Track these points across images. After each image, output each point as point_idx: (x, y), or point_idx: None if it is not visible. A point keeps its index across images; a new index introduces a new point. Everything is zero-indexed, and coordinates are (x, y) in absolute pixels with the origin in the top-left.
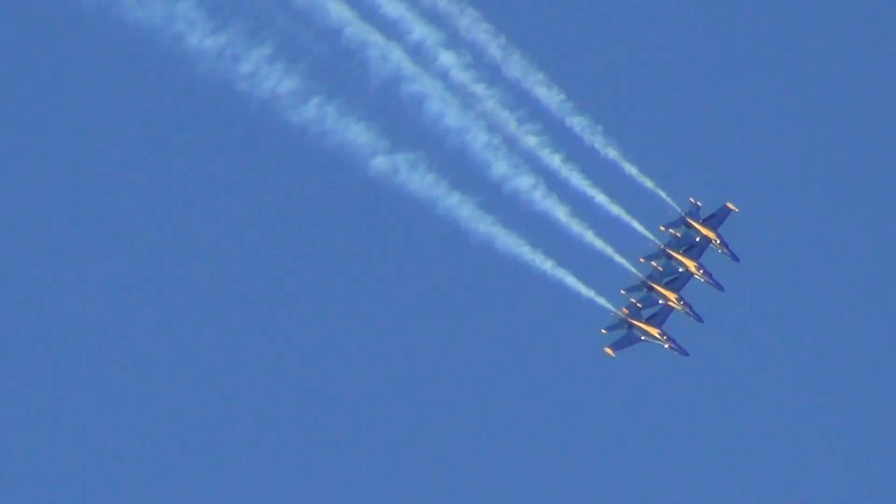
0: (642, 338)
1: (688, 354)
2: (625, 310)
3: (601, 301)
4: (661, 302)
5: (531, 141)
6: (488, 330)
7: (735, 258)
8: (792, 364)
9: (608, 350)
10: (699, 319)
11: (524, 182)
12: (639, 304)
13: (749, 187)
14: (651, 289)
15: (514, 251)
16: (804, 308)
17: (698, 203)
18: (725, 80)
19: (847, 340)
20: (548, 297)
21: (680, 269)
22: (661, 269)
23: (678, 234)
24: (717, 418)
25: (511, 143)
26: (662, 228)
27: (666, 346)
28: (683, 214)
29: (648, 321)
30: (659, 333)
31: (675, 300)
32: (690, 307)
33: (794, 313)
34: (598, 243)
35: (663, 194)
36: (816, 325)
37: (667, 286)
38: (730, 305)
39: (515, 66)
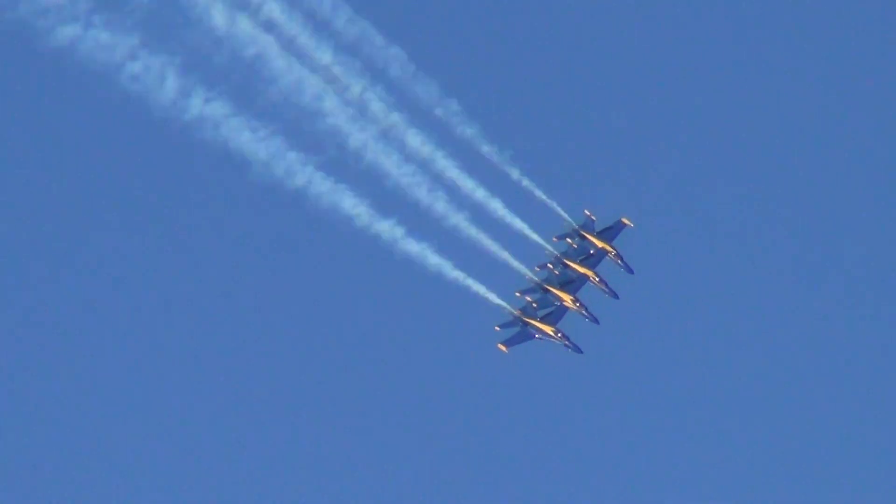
0: (536, 335)
1: (582, 352)
2: (518, 310)
3: (496, 300)
4: (556, 303)
5: (425, 148)
6: (383, 327)
7: (630, 270)
8: (681, 365)
9: (501, 346)
10: (595, 321)
11: (420, 189)
12: (534, 304)
13: (646, 202)
14: (546, 291)
15: (410, 251)
16: (695, 315)
17: (593, 217)
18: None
19: (733, 348)
20: (444, 297)
21: (575, 277)
22: (557, 272)
23: (574, 245)
24: (610, 416)
25: (405, 150)
26: (555, 239)
27: (560, 343)
28: (577, 227)
29: (543, 320)
30: (553, 331)
31: (570, 301)
32: (586, 308)
33: (685, 319)
34: (495, 248)
35: (557, 206)
36: (705, 331)
37: (562, 288)
38: (625, 312)
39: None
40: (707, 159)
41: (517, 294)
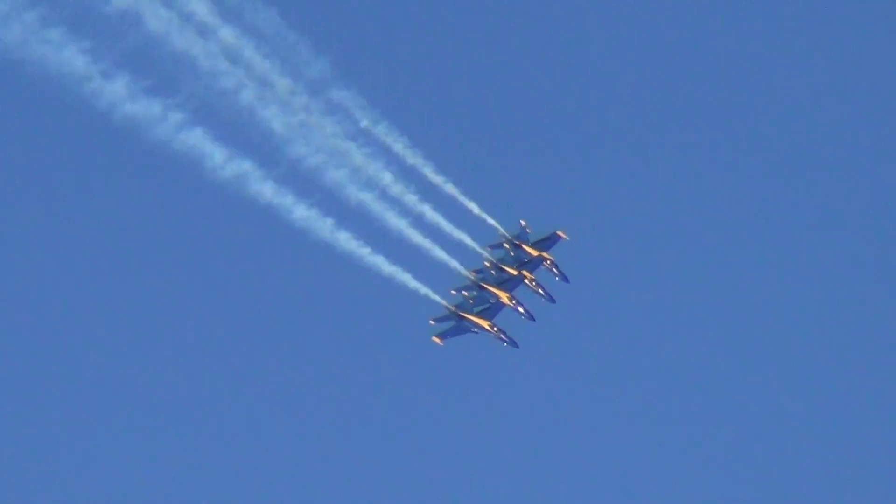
0: (473, 329)
1: (518, 346)
2: (453, 306)
3: (431, 295)
4: (492, 301)
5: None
6: (321, 323)
7: (565, 279)
8: (613, 359)
9: (436, 339)
10: (531, 318)
11: (359, 193)
12: (471, 300)
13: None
14: (482, 288)
15: (348, 249)
16: (628, 316)
17: (528, 228)
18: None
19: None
20: (380, 292)
21: (509, 278)
22: (493, 272)
23: (511, 252)
24: (543, 409)
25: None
26: (490, 248)
27: (496, 337)
28: (511, 237)
29: (479, 314)
30: (490, 325)
31: (506, 298)
32: (522, 305)
33: (619, 319)
34: (431, 248)
35: (489, 218)
36: (637, 329)
37: (499, 286)
38: (560, 313)
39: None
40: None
41: (452, 292)
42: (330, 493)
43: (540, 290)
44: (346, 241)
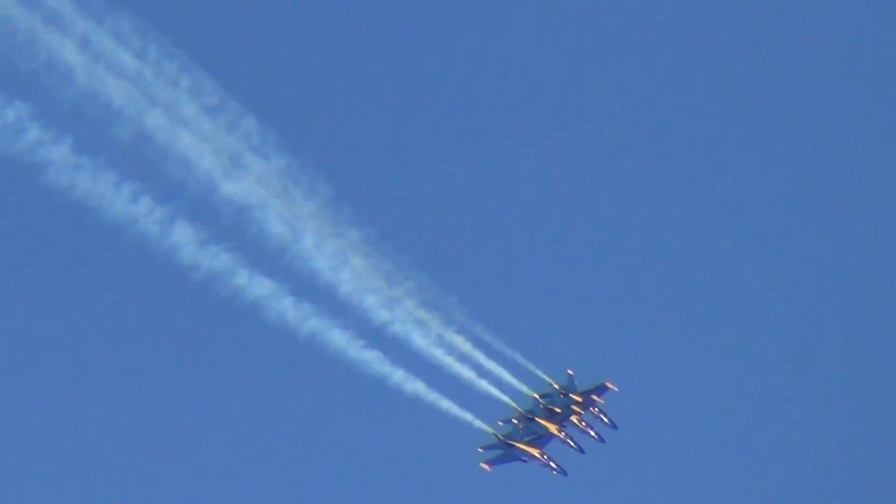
0: (522, 458)
1: (567, 475)
2: (502, 435)
3: (480, 425)
4: (540, 433)
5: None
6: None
7: (613, 426)
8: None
9: (484, 465)
10: (580, 450)
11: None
12: (520, 428)
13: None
14: (531, 420)
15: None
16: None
17: (575, 379)
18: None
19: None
20: (430, 422)
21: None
22: (542, 406)
23: (561, 396)
24: None
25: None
26: (537, 395)
27: (545, 465)
28: (559, 386)
29: (528, 443)
30: (539, 453)
31: (556, 430)
32: (572, 438)
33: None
34: (481, 383)
35: (537, 369)
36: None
37: (548, 419)
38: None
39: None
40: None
41: (500, 423)
42: None
43: (590, 431)
44: (399, 378)
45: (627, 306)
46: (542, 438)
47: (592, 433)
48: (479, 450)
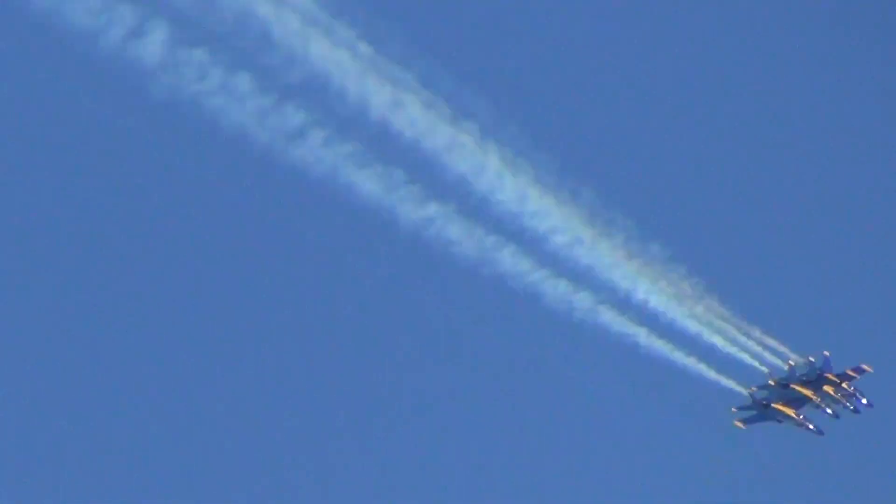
0: (777, 418)
1: (823, 434)
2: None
3: (732, 385)
4: (797, 397)
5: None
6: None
7: (869, 404)
8: None
9: (738, 423)
10: (835, 416)
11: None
12: (775, 391)
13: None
14: (786, 387)
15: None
16: None
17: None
18: None
19: None
20: (686, 382)
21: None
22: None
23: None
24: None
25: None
26: (792, 363)
27: (801, 425)
28: (818, 369)
29: (784, 404)
30: (795, 413)
31: (811, 394)
32: (827, 405)
33: None
34: (734, 349)
35: (791, 352)
36: None
37: (804, 385)
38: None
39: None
40: None
41: (753, 388)
42: None
43: (846, 403)
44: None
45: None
46: (796, 402)
47: (849, 405)
48: (733, 410)
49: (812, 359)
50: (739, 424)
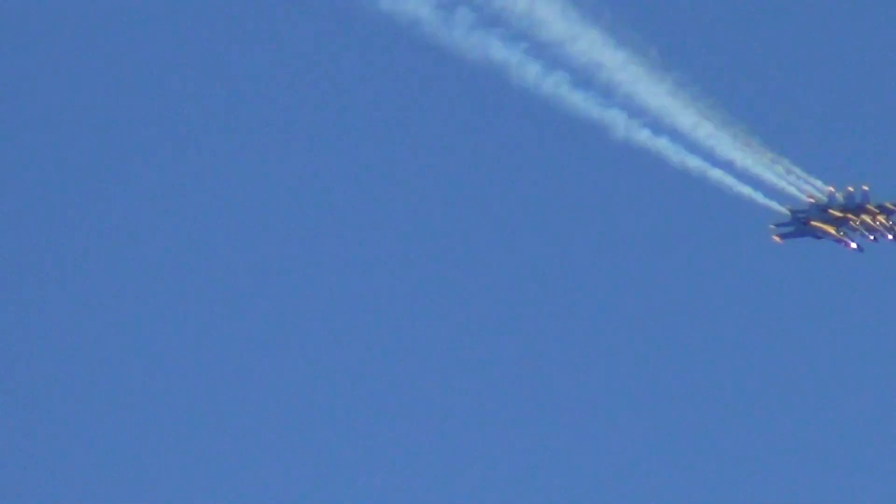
0: (817, 234)
1: (864, 251)
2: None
3: (775, 206)
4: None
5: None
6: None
7: None
8: None
9: (775, 237)
10: (874, 241)
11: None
12: (820, 200)
13: None
14: (825, 210)
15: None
16: None
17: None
18: None
19: None
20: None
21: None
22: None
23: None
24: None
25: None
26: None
27: (840, 241)
28: (857, 200)
29: (822, 221)
30: (836, 229)
31: (852, 217)
32: (867, 231)
33: None
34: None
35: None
36: None
37: (843, 211)
38: None
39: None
40: None
41: (787, 209)
42: None
43: (885, 232)
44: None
45: None
46: (835, 223)
47: (889, 234)
48: (772, 226)
49: (851, 189)
50: (777, 239)
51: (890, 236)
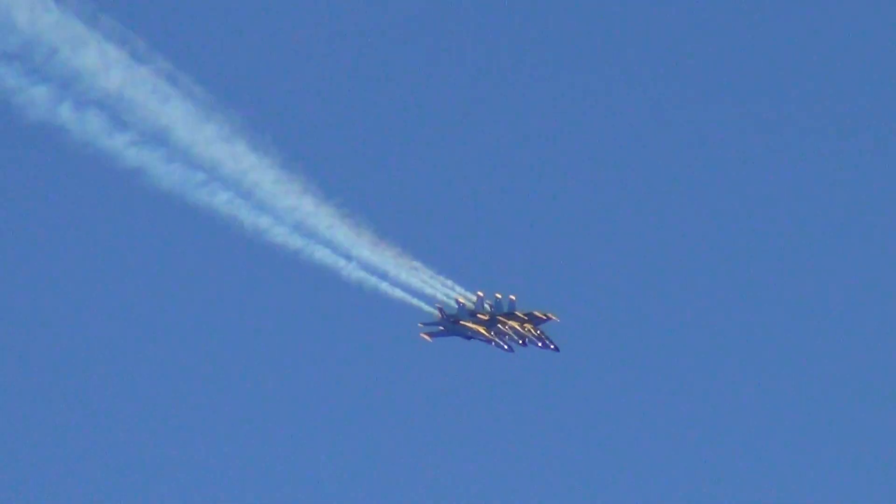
0: (466, 334)
1: (513, 351)
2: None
3: (425, 307)
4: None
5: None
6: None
7: (556, 349)
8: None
9: (424, 335)
10: (511, 350)
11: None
12: (468, 305)
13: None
14: (474, 314)
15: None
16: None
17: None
18: None
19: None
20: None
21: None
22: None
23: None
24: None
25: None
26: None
27: (490, 342)
28: (504, 309)
29: (473, 322)
30: (486, 330)
31: (503, 321)
32: (502, 338)
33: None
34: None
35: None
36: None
37: (492, 315)
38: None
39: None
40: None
41: (437, 311)
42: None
43: (544, 340)
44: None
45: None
46: (489, 322)
47: (538, 342)
48: (420, 325)
49: (499, 295)
50: (426, 337)
51: (539, 344)
